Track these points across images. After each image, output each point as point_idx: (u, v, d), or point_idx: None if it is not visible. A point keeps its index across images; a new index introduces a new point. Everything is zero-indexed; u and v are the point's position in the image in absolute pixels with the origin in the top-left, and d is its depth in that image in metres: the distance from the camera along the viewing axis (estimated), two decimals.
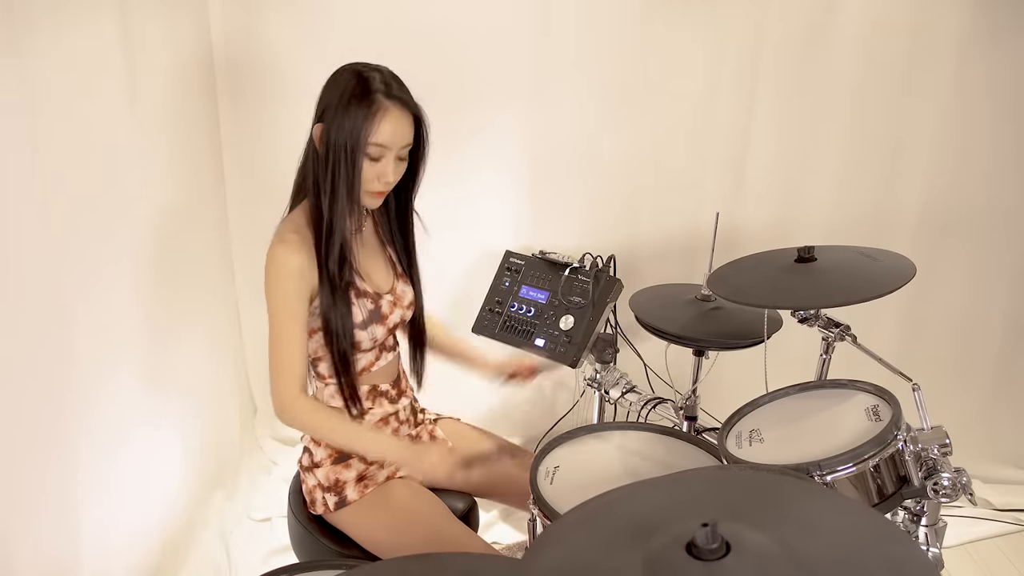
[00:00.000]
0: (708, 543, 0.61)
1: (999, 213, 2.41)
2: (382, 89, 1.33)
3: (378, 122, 1.32)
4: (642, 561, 0.62)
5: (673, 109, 2.36)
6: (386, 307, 1.49)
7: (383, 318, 1.48)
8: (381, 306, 1.48)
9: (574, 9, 2.25)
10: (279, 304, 1.36)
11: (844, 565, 0.61)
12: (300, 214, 1.43)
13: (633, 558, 0.63)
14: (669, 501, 0.74)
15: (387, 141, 1.34)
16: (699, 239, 2.45)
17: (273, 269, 1.36)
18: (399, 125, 1.35)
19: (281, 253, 1.35)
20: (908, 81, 2.30)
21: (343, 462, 1.50)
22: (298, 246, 1.36)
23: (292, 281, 1.35)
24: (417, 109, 1.39)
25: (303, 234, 1.38)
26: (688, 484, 0.77)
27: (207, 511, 2.20)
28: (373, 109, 1.32)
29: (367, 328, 1.45)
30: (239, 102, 2.31)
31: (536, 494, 1.33)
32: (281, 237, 1.38)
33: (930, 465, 1.24)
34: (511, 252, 1.98)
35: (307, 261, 1.37)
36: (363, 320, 1.44)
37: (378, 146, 1.34)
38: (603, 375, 1.92)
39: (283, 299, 1.36)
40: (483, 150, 2.37)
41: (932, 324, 2.53)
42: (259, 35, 2.23)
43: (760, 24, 2.28)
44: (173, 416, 2.00)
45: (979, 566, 2.18)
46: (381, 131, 1.33)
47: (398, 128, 1.35)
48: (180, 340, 2.02)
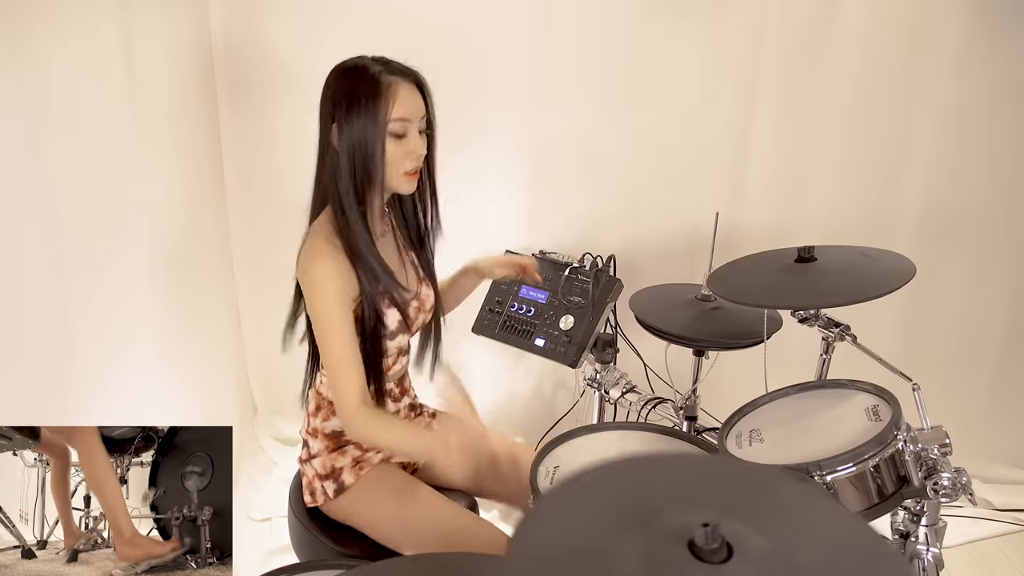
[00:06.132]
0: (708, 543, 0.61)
1: (999, 213, 2.41)
2: (381, 69, 1.33)
3: (392, 97, 1.31)
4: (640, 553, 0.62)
5: (673, 108, 2.36)
6: (412, 313, 1.48)
7: (409, 325, 1.47)
8: (408, 313, 1.46)
9: (574, 8, 2.25)
10: (327, 319, 1.33)
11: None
12: (326, 222, 1.40)
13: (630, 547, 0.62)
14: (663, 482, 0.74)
15: (407, 113, 1.33)
16: (699, 239, 2.45)
17: (315, 286, 1.33)
18: (412, 95, 1.34)
19: (319, 268, 1.32)
20: (908, 81, 2.30)
21: (339, 449, 1.50)
22: (332, 254, 1.33)
23: (334, 295, 1.32)
24: (419, 76, 1.38)
25: (335, 242, 1.35)
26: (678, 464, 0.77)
27: None
28: (382, 88, 1.31)
29: (395, 338, 1.44)
30: (239, 102, 2.31)
31: (536, 494, 1.33)
32: (316, 250, 1.34)
33: (930, 465, 1.24)
34: (511, 252, 1.98)
35: (346, 271, 1.34)
36: (392, 330, 1.43)
37: (401, 120, 1.32)
38: (603, 375, 1.92)
39: (327, 311, 1.32)
40: (483, 150, 2.37)
41: (932, 324, 2.53)
42: (259, 35, 2.23)
43: (760, 24, 2.28)
44: (173, 416, 2.00)
45: (979, 566, 2.18)
46: (399, 105, 1.32)
47: (412, 98, 1.34)
48: (180, 340, 2.02)
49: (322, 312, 1.33)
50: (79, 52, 1.53)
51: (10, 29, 1.31)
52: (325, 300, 1.33)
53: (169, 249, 1.95)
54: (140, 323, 1.80)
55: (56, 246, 1.46)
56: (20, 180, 1.35)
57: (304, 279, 1.35)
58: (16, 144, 1.33)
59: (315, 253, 1.34)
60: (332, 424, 1.50)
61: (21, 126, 1.35)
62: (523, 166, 2.40)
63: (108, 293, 1.65)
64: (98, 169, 1.62)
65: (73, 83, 1.51)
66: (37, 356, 1.41)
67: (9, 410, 1.32)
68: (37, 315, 1.40)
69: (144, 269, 1.82)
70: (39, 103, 1.40)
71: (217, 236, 2.37)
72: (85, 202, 1.57)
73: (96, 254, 1.61)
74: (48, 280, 1.44)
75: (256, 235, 2.44)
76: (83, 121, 1.56)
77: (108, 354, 1.66)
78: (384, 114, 1.31)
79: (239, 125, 2.33)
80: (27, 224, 1.37)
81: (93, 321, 1.59)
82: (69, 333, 1.50)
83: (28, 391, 1.39)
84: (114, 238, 1.68)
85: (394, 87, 1.32)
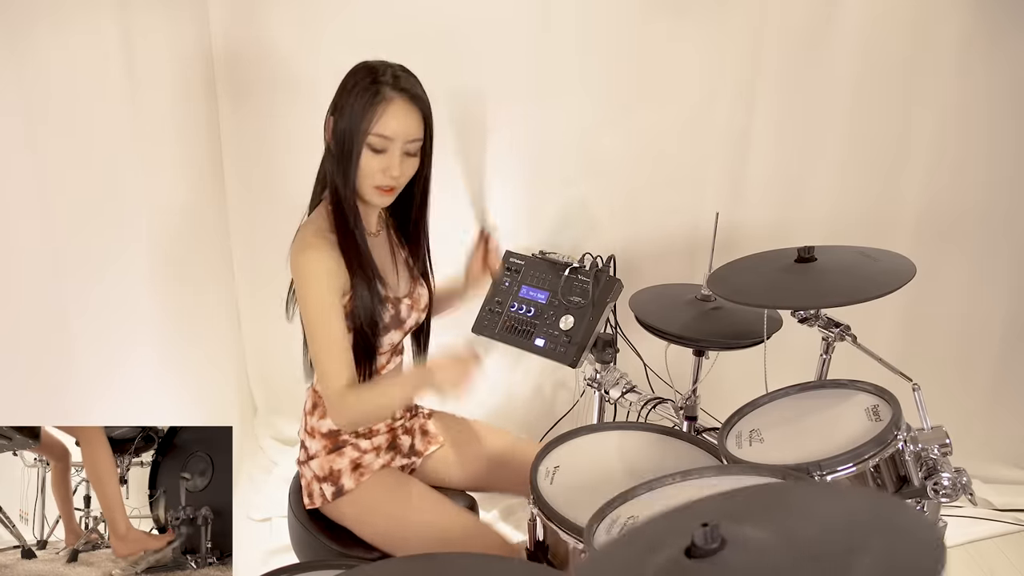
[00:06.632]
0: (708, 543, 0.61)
1: (999, 213, 2.41)
2: (389, 81, 1.32)
3: (380, 112, 1.31)
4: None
5: (673, 108, 2.36)
6: (404, 311, 1.48)
7: (401, 323, 1.48)
8: (400, 311, 1.47)
9: (574, 8, 2.24)
10: (313, 309, 1.34)
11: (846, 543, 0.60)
12: (319, 216, 1.41)
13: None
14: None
15: (389, 132, 1.32)
16: (699, 239, 2.45)
17: (302, 278, 1.34)
18: (404, 118, 1.33)
19: (306, 260, 1.33)
20: (908, 81, 2.30)
21: (337, 451, 1.50)
22: (321, 248, 1.34)
23: (323, 285, 1.33)
24: (425, 106, 1.37)
25: (326, 237, 1.36)
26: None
27: None
28: (377, 99, 1.31)
29: (387, 334, 1.45)
30: (239, 101, 2.30)
31: (536, 494, 1.33)
32: (304, 244, 1.35)
33: (930, 465, 1.24)
34: (511, 252, 1.97)
35: (334, 263, 1.34)
36: (384, 326, 1.43)
37: (380, 137, 1.32)
38: (603, 375, 1.92)
39: (317, 302, 1.33)
40: (483, 149, 2.37)
41: (932, 324, 2.52)
42: (260, 35, 2.23)
43: (760, 24, 2.27)
44: (173, 416, 2.00)
45: (979, 566, 2.17)
46: (383, 121, 1.31)
47: (403, 120, 1.33)
48: (180, 340, 2.02)
49: (308, 302, 1.34)
50: (79, 52, 1.53)
51: (10, 29, 1.31)
52: (311, 291, 1.33)
53: (169, 249, 1.95)
54: (140, 323, 1.80)
55: (55, 246, 1.46)
56: (20, 181, 1.35)
57: (293, 270, 1.36)
58: (16, 144, 1.33)
59: (304, 246, 1.35)
60: (329, 422, 1.50)
61: (21, 126, 1.35)
62: (523, 166, 2.40)
63: (108, 293, 1.65)
64: (98, 169, 1.61)
65: (73, 83, 1.51)
66: (37, 356, 1.41)
67: (9, 410, 1.32)
68: (37, 315, 1.40)
69: (144, 269, 1.82)
70: (39, 104, 1.40)
71: (217, 236, 2.36)
72: (85, 202, 1.57)
73: (96, 254, 1.61)
74: (47, 280, 1.44)
75: (256, 235, 2.44)
76: (83, 121, 1.55)
77: (108, 354, 1.66)
78: (367, 123, 1.31)
79: (239, 125, 2.33)
80: (27, 225, 1.37)
81: (92, 321, 1.59)
82: (68, 333, 1.50)
83: (28, 391, 1.39)
84: (114, 238, 1.68)
85: (389, 103, 1.31)
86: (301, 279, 1.34)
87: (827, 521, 0.64)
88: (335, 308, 1.34)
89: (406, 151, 1.36)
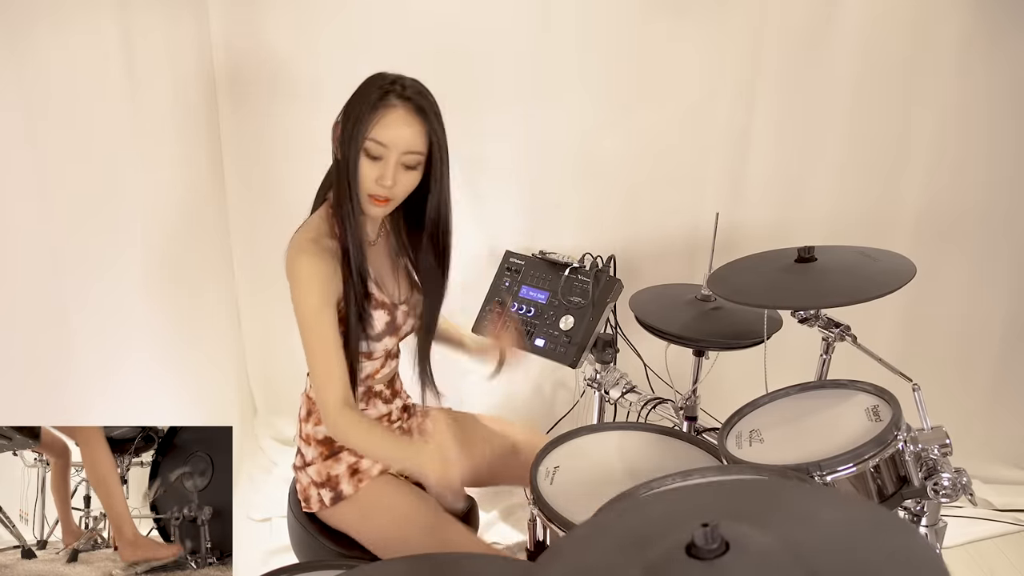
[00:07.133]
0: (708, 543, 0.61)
1: (999, 213, 2.41)
2: (396, 89, 1.31)
3: (380, 117, 1.29)
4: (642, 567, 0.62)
5: (673, 108, 2.36)
6: (400, 317, 1.48)
7: (397, 329, 1.47)
8: (396, 317, 1.46)
9: (574, 8, 2.24)
10: (306, 317, 1.32)
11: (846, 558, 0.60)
12: (318, 218, 1.40)
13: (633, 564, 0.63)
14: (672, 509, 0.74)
15: (386, 139, 1.30)
16: (699, 239, 2.45)
17: (295, 283, 1.33)
18: (403, 127, 1.31)
19: (300, 266, 1.32)
20: (908, 81, 2.30)
21: (333, 456, 1.50)
22: (314, 253, 1.33)
23: (315, 291, 1.32)
24: (431, 122, 1.33)
25: (321, 242, 1.35)
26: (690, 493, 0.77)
27: None
28: (379, 104, 1.30)
29: (381, 340, 1.44)
30: (239, 101, 2.30)
31: (536, 494, 1.33)
32: (299, 248, 1.34)
33: (930, 465, 1.24)
34: (511, 252, 1.98)
35: (329, 269, 1.33)
36: (379, 332, 1.43)
37: (376, 143, 1.30)
38: (603, 375, 1.92)
39: (310, 309, 1.32)
40: (483, 150, 2.37)
41: (932, 324, 2.52)
42: (260, 35, 2.23)
43: (760, 24, 2.27)
44: (173, 417, 2.00)
45: (979, 566, 2.17)
46: (381, 126, 1.29)
47: (401, 129, 1.31)
48: (179, 340, 2.02)
49: (301, 308, 1.33)
50: (79, 51, 1.53)
51: (10, 29, 1.30)
52: (304, 297, 1.33)
53: (168, 249, 1.94)
54: (139, 323, 1.80)
55: (55, 245, 1.46)
56: (20, 180, 1.35)
57: (287, 274, 1.35)
58: (16, 144, 1.33)
59: (299, 251, 1.34)
60: (324, 429, 1.49)
61: (21, 126, 1.34)
62: (523, 166, 2.40)
63: (107, 292, 1.65)
64: (98, 168, 1.61)
65: (73, 83, 1.51)
66: (36, 356, 1.41)
67: (9, 410, 1.32)
68: (36, 314, 1.40)
69: (143, 269, 1.82)
70: (39, 103, 1.40)
71: (217, 236, 2.36)
72: (85, 202, 1.56)
73: (96, 253, 1.61)
74: (47, 279, 1.43)
75: (256, 235, 2.44)
76: (83, 121, 1.55)
77: (107, 354, 1.66)
78: (366, 127, 1.30)
79: (239, 125, 2.33)
80: (27, 224, 1.37)
81: (92, 320, 1.59)
82: (68, 332, 1.50)
83: (28, 391, 1.39)
84: (113, 238, 1.68)
85: (391, 109, 1.30)
86: (294, 284, 1.33)
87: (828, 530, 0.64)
88: (328, 314, 1.33)
89: (404, 163, 1.33)
